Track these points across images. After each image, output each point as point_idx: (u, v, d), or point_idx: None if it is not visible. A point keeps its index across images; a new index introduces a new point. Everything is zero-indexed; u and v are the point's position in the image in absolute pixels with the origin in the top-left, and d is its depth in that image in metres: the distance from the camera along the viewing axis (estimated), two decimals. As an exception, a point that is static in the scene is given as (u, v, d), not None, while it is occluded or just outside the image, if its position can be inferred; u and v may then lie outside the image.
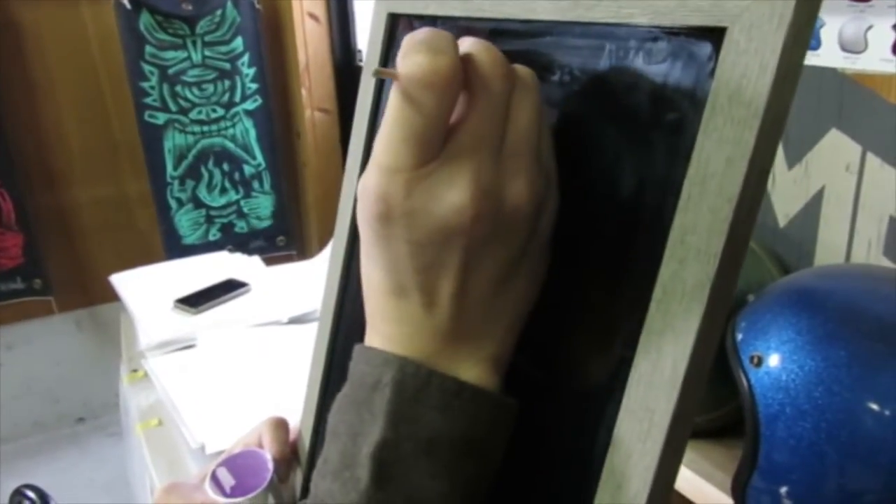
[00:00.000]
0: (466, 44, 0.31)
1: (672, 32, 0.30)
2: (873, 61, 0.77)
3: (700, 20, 0.28)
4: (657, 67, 0.30)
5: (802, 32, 0.25)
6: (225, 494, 0.57)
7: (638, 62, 0.31)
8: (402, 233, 0.31)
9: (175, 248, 2.16)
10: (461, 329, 0.33)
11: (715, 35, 0.27)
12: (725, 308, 0.27)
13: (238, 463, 0.58)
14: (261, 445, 0.58)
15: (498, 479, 0.34)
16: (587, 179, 0.33)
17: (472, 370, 0.33)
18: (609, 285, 0.32)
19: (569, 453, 0.33)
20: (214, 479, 0.57)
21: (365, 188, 0.31)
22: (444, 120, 0.30)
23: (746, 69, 0.26)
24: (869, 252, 0.82)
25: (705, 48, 0.28)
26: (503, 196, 0.30)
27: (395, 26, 0.51)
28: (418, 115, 0.29)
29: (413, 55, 0.29)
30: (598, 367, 0.32)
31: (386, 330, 0.34)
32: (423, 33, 0.30)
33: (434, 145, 0.30)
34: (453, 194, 0.29)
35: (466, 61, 0.30)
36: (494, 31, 0.41)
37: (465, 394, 0.32)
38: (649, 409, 0.28)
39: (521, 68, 0.32)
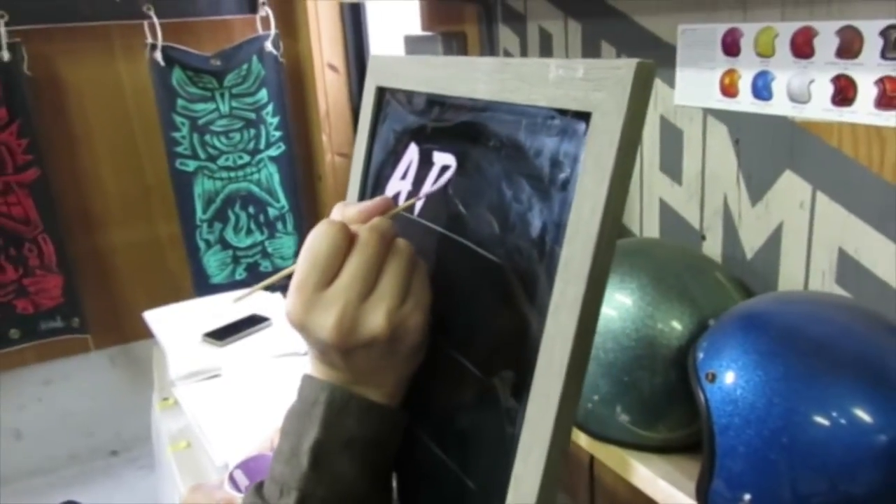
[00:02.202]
0: (369, 222, 0.46)
1: (562, 113, 0.40)
2: (816, 111, 0.86)
3: (576, 106, 0.38)
4: (554, 138, 0.40)
5: (636, 117, 0.35)
6: (241, 492, 0.66)
7: (542, 134, 0.41)
8: (303, 339, 0.46)
9: (203, 287, 2.27)
10: (358, 382, 0.47)
11: (585, 117, 0.38)
12: (595, 317, 0.37)
13: (251, 466, 0.68)
14: (272, 450, 0.67)
15: (444, 456, 0.43)
16: (508, 220, 0.43)
17: (378, 396, 0.48)
18: (523, 302, 0.42)
19: (497, 435, 0.43)
20: (231, 480, 0.67)
21: (285, 301, 0.45)
22: (331, 261, 0.44)
23: (602, 143, 0.36)
24: (823, 281, 0.90)
25: (581, 126, 0.38)
26: (360, 328, 0.44)
27: (383, 97, 0.62)
28: (316, 253, 0.44)
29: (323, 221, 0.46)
30: (517, 365, 0.41)
31: (316, 371, 0.49)
32: (338, 206, 0.49)
33: (325, 276, 0.44)
34: (325, 321, 0.43)
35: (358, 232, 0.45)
36: (449, 104, 0.51)
37: (374, 409, 0.47)
38: (546, 394, 0.38)
39: (401, 241, 0.46)
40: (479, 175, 0.47)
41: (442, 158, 0.51)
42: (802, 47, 0.86)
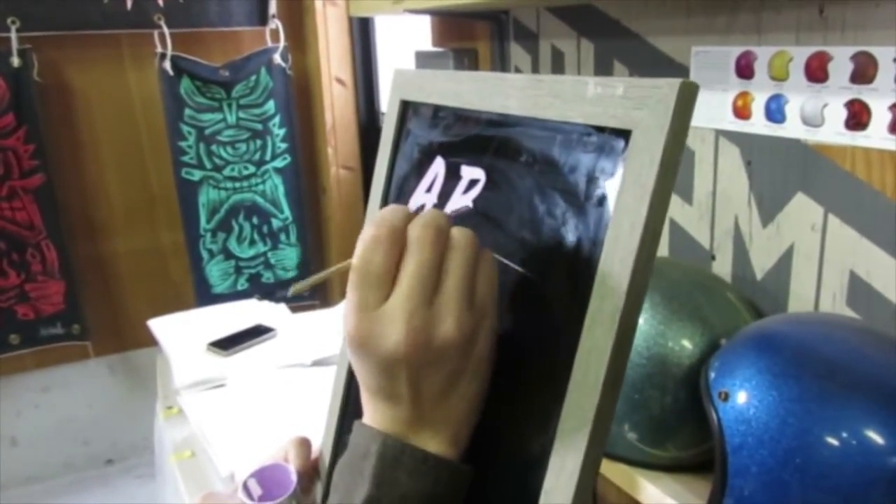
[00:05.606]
0: (417, 218, 0.42)
1: (599, 130, 0.40)
2: (829, 134, 0.87)
3: (615, 123, 0.39)
4: (590, 155, 0.41)
5: (678, 136, 0.35)
6: (254, 501, 0.66)
7: (578, 150, 0.42)
8: (362, 359, 0.42)
9: (205, 296, 2.27)
10: (422, 419, 0.43)
11: (625, 134, 0.38)
12: (632, 332, 0.37)
13: (265, 474, 0.67)
14: (286, 460, 0.67)
15: (478, 464, 0.44)
16: (541, 234, 0.44)
17: (436, 445, 0.43)
18: (555, 316, 0.42)
19: (526, 447, 0.43)
20: (245, 489, 0.67)
21: (344, 324, 0.42)
22: (387, 270, 0.41)
23: (643, 160, 0.36)
24: (834, 303, 0.91)
25: (620, 143, 0.39)
26: (433, 333, 0.40)
27: (406, 110, 0.63)
28: (368, 268, 0.41)
29: (368, 224, 0.42)
30: (550, 381, 0.42)
31: (371, 412, 0.45)
32: (384, 209, 0.43)
33: (383, 290, 0.41)
34: (393, 334, 0.40)
35: (408, 232, 0.41)
36: (477, 119, 0.52)
37: (429, 461, 0.42)
38: (580, 408, 0.38)
39: (458, 232, 0.42)
40: (509, 189, 0.48)
41: (470, 172, 0.52)
42: (816, 72, 0.87)
